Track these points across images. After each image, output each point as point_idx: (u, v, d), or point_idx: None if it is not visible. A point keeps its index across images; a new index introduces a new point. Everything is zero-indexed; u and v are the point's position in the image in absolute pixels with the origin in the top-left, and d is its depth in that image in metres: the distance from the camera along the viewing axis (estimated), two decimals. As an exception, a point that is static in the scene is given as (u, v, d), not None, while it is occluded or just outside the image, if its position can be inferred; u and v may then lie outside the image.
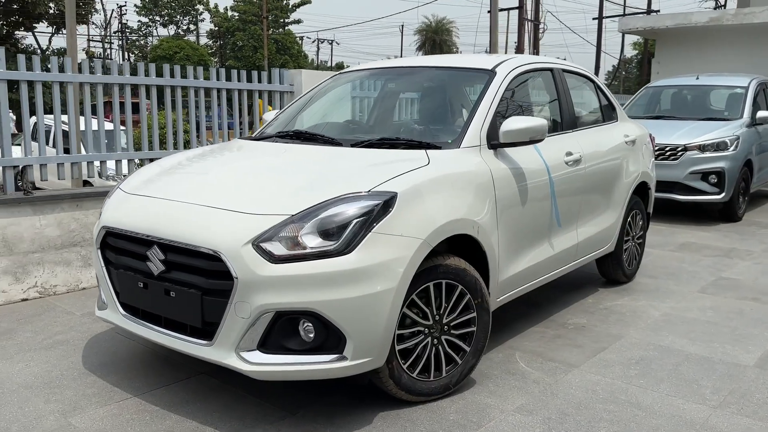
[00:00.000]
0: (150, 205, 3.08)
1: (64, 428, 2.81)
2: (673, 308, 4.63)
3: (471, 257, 3.28)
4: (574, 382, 3.37)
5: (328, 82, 4.49)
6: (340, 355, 2.70)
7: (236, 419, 2.90)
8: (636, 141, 5.09)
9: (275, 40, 42.58)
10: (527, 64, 4.12)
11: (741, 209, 8.34)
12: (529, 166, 3.69)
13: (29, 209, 4.50)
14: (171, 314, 2.90)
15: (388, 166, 3.04)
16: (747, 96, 8.76)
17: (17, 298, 4.50)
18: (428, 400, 3.08)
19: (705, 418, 3.00)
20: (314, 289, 2.63)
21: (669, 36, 13.17)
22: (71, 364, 3.50)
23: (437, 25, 60.74)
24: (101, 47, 49.43)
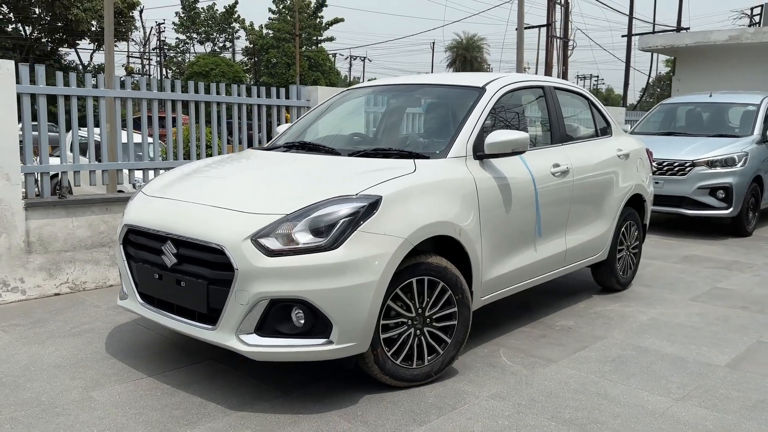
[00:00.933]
0: (166, 205, 3.47)
1: (86, 400, 3.19)
2: (661, 314, 4.86)
3: (455, 258, 3.60)
4: (549, 374, 3.64)
5: (336, 98, 4.86)
6: (327, 339, 3.03)
7: (237, 397, 3.25)
8: (630, 155, 5.35)
9: (308, 57, 43.39)
10: (518, 82, 4.44)
11: (750, 224, 8.47)
12: (514, 176, 3.99)
13: (63, 212, 4.95)
14: (181, 302, 3.27)
15: (377, 173, 3.38)
16: (759, 113, 8.91)
17: (50, 292, 4.94)
18: (410, 386, 3.39)
19: (665, 408, 3.25)
20: (304, 279, 2.97)
21: (689, 54, 13.31)
22: (95, 348, 3.89)
23: (468, 42, 61.22)
24: (140, 63, 50.92)
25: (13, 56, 35.17)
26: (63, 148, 5.21)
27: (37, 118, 4.88)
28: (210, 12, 48.51)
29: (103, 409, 3.10)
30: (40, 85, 4.85)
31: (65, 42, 38.83)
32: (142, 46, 51.09)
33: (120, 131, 5.47)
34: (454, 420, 3.07)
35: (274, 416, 3.05)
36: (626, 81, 30.70)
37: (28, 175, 4.92)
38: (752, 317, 4.83)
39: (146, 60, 51.50)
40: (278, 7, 44.13)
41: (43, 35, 38.08)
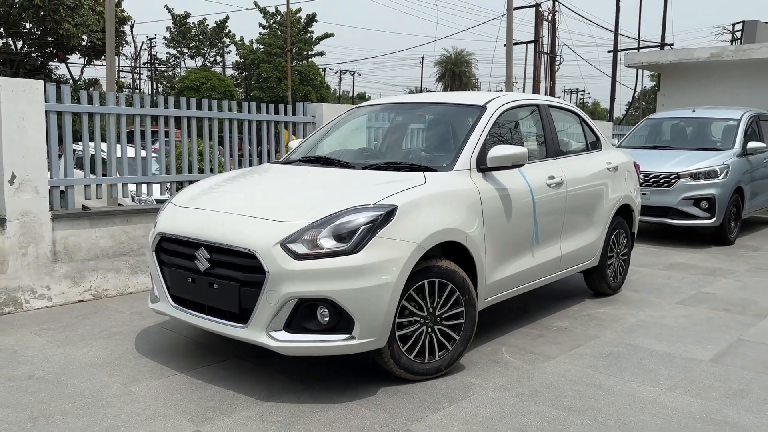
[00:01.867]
0: (198, 215, 3.78)
1: (126, 394, 3.48)
2: (649, 316, 5.21)
3: (462, 262, 3.93)
4: (548, 369, 3.97)
5: (344, 115, 5.20)
6: (350, 335, 3.34)
7: (265, 390, 3.55)
8: (618, 168, 5.72)
9: (299, 71, 43.78)
10: (515, 101, 4.80)
11: (733, 233, 8.87)
12: (514, 187, 4.34)
13: (87, 223, 5.24)
14: (214, 303, 3.57)
15: (391, 185, 3.71)
16: (739, 128, 9.35)
17: (74, 299, 5.21)
18: (423, 379, 3.70)
19: (655, 396, 3.59)
20: (329, 280, 3.28)
21: (673, 70, 13.80)
22: (126, 349, 4.18)
23: (456, 57, 61.94)
24: (131, 78, 51.11)
25: (2, 70, 35.26)
26: (85, 162, 5.50)
27: (62, 135, 5.17)
28: (201, 27, 48.87)
29: (144, 402, 3.39)
30: (66, 104, 5.16)
31: (55, 56, 38.96)
32: (133, 61, 51.32)
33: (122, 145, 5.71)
34: (464, 408, 3.38)
35: (301, 406, 3.35)
36: (612, 96, 31.35)
37: (54, 189, 5.20)
38: (733, 318, 5.19)
39: (137, 74, 51.70)
40: (269, 23, 44.57)
41: (33, 50, 38.22)
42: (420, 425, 3.17)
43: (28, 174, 4.85)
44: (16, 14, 33.49)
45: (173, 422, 3.15)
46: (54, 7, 31.63)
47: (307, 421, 3.18)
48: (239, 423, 3.15)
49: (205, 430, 3.08)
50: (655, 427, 3.21)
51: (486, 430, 3.14)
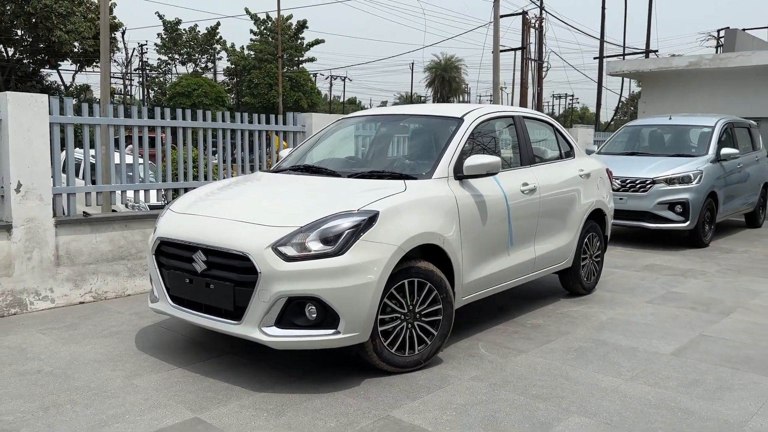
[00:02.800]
0: (195, 220, 4.08)
1: (130, 386, 3.77)
2: (620, 314, 5.54)
3: (440, 263, 4.24)
4: (520, 362, 4.29)
5: (332, 125, 5.52)
6: (336, 330, 3.65)
7: (258, 382, 3.85)
8: (591, 174, 6.06)
9: (289, 77, 44.10)
10: (491, 113, 5.13)
11: (707, 236, 9.24)
12: (489, 194, 4.66)
13: (88, 228, 5.52)
14: (210, 302, 3.87)
15: (374, 192, 4.03)
16: (713, 135, 9.73)
17: (76, 301, 5.49)
18: (404, 371, 4.01)
19: (616, 386, 3.91)
20: (316, 280, 3.59)
21: (653, 78, 14.21)
22: (127, 347, 4.47)
23: (446, 63, 62.45)
24: (122, 84, 51.24)
25: (-6, 77, 35.43)
26: (86, 170, 5.78)
27: (65, 145, 5.46)
28: (192, 33, 49.11)
29: (146, 393, 3.68)
30: (69, 116, 5.45)
31: (47, 63, 39.09)
32: (124, 67, 51.48)
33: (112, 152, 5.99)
34: (440, 396, 3.69)
35: (291, 395, 3.66)
36: (599, 101, 31.85)
37: (57, 196, 5.48)
38: (698, 316, 5.53)
39: (128, 81, 51.83)
40: (260, 29, 44.89)
41: (25, 56, 38.34)
42: (399, 411, 3.48)
43: (33, 183, 5.14)
44: (8, 21, 33.63)
45: (173, 410, 3.45)
46: (46, 14, 31.80)
47: (296, 409, 3.48)
48: (234, 411, 3.45)
49: (203, 417, 3.37)
50: (613, 412, 3.53)
51: (459, 415, 3.45)
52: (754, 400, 3.72)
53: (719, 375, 4.12)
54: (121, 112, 5.82)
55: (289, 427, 3.28)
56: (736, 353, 4.56)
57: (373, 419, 3.38)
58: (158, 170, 6.23)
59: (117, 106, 5.79)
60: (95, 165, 6.88)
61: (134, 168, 6.36)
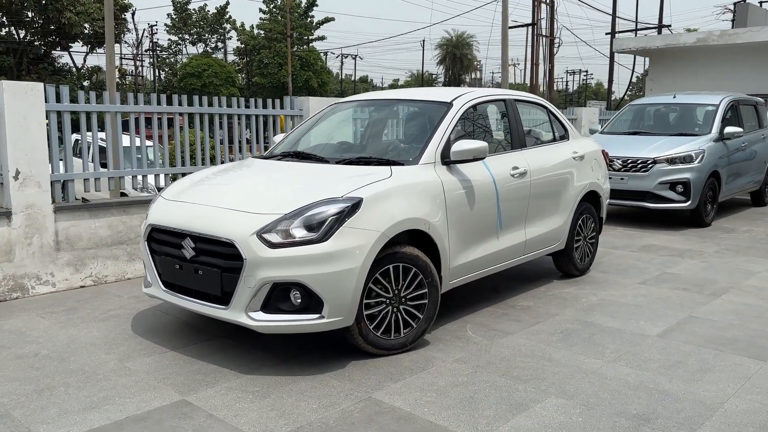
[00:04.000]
0: (184, 208, 4.17)
1: (122, 369, 3.89)
2: (611, 295, 5.59)
3: (426, 248, 4.31)
4: (505, 344, 4.37)
5: (325, 111, 5.57)
6: (320, 315, 3.74)
7: (245, 364, 3.96)
8: (585, 156, 6.07)
9: (299, 56, 43.99)
10: (481, 96, 5.15)
11: (709, 216, 9.22)
12: (477, 178, 4.70)
13: (87, 214, 5.64)
14: (199, 287, 3.97)
15: (359, 178, 4.09)
16: (717, 113, 9.65)
17: (77, 285, 5.63)
18: (389, 354, 4.10)
19: (597, 368, 3.98)
20: (300, 266, 3.67)
21: (660, 55, 14.06)
22: (123, 330, 4.59)
23: (457, 40, 61.91)
24: (133, 65, 51.37)
25: (6, 59, 35.64)
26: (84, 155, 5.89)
27: (62, 132, 5.56)
28: (201, 13, 49.04)
29: (137, 375, 3.80)
30: (65, 103, 5.54)
31: (58, 45, 39.25)
32: (135, 48, 51.58)
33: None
34: (423, 378, 3.78)
35: (277, 378, 3.76)
36: (610, 79, 31.52)
37: (56, 182, 5.59)
38: (690, 297, 5.56)
39: (139, 61, 51.94)
40: (269, 8, 44.74)
41: (36, 38, 38.51)
42: (381, 393, 3.58)
43: (31, 170, 5.25)
44: (18, 3, 33.75)
45: (162, 392, 3.57)
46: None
47: (281, 390, 3.59)
48: (221, 393, 3.57)
49: (190, 399, 3.49)
50: (591, 394, 3.60)
51: (438, 396, 3.54)
52: (733, 382, 3.78)
53: (702, 357, 4.17)
54: (117, 99, 5.90)
55: (273, 408, 3.39)
56: (722, 335, 4.60)
57: (354, 401, 3.48)
58: (155, 154, 6.31)
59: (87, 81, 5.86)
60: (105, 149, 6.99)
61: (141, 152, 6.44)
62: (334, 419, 3.27)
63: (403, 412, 3.36)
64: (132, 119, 6.02)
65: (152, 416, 3.30)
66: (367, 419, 3.28)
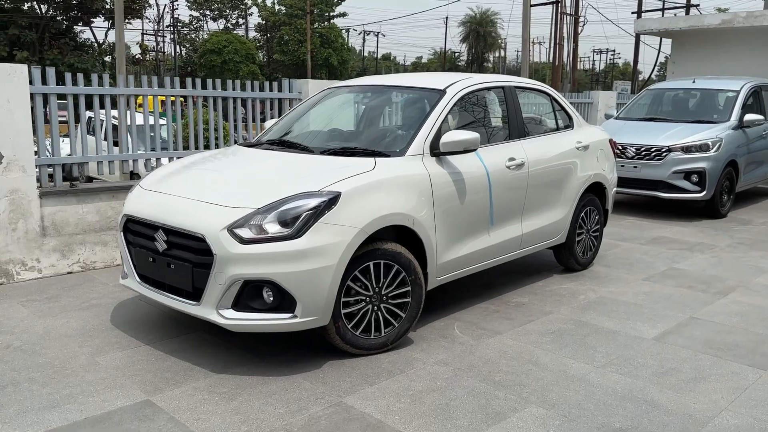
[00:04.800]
0: (158, 198, 4.03)
1: (92, 364, 3.79)
2: (611, 292, 5.37)
3: (413, 243, 4.13)
4: (492, 344, 4.19)
5: (317, 96, 5.38)
6: (293, 314, 3.59)
7: (220, 362, 3.83)
8: (590, 146, 5.81)
9: (320, 33, 43.63)
10: (478, 84, 4.92)
11: (725, 207, 8.90)
12: (468, 171, 4.49)
13: (74, 199, 5.53)
14: (171, 281, 3.84)
15: (340, 171, 3.91)
16: (737, 99, 9.28)
17: (64, 271, 5.55)
18: (369, 353, 3.94)
19: (585, 374, 3.79)
20: (273, 263, 3.52)
21: (684, 37, 13.58)
22: (101, 321, 4.49)
23: (481, 17, 60.94)
24: (154, 41, 51.38)
25: (28, 34, 35.77)
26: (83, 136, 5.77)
27: (49, 116, 5.44)
28: (222, -11, 48.77)
29: (106, 372, 3.69)
30: (51, 86, 5.41)
31: (80, 20, 39.31)
32: (156, 24, 51.52)
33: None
34: (399, 381, 3.63)
35: (248, 378, 3.63)
36: (635, 59, 30.82)
37: (43, 167, 5.49)
38: (694, 296, 5.32)
39: (160, 37, 51.93)
40: (290, -16, 44.32)
41: (58, 13, 38.60)
42: (353, 398, 3.43)
43: (16, 154, 5.14)
44: (41, -22, 33.77)
45: (127, 391, 3.45)
46: (76, -29, 31.79)
47: (249, 392, 3.46)
48: (187, 393, 3.44)
49: (155, 400, 3.37)
50: (574, 403, 3.42)
51: (412, 402, 3.38)
52: (728, 393, 3.57)
53: (698, 364, 3.96)
54: (106, 81, 5.76)
55: (237, 412, 3.26)
56: (723, 339, 4.38)
57: (323, 405, 3.34)
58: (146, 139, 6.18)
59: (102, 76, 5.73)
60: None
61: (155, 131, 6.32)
62: (299, 426, 3.13)
63: (373, 419, 3.21)
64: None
65: (112, 417, 3.19)
66: (333, 427, 3.13)
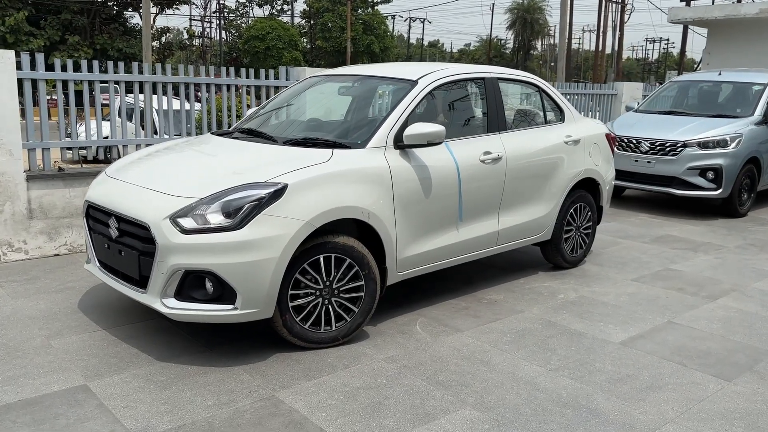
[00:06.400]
0: (115, 186, 4.07)
1: (44, 347, 3.86)
2: (592, 292, 5.20)
3: (373, 238, 4.06)
4: (448, 342, 4.10)
5: (297, 85, 5.34)
6: (233, 306, 3.57)
7: (168, 350, 3.85)
8: (581, 141, 5.62)
9: (362, 20, 43.52)
10: (455, 74, 4.79)
11: (744, 206, 8.53)
12: (435, 164, 4.39)
13: (61, 183, 5.64)
14: (122, 269, 3.87)
15: (292, 162, 3.86)
16: (764, 93, 8.86)
17: (51, 253, 5.67)
18: (318, 347, 3.91)
19: (534, 377, 3.67)
20: (213, 254, 3.50)
21: (719, 27, 13.04)
22: (69, 304, 4.57)
23: (529, 4, 59.80)
24: (201, 27, 52.09)
25: (80, 19, 36.69)
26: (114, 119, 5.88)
27: (39, 101, 5.55)
28: (269, -26, 49.04)
29: (55, 355, 3.75)
30: (40, 71, 5.51)
31: (130, 5, 40.12)
32: (203, 10, 52.23)
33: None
34: (340, 377, 3.58)
35: (190, 367, 3.64)
36: (683, 48, 29.81)
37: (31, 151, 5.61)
38: (681, 299, 5.11)
39: (207, 23, 52.63)
40: (335, -30, 44.26)
41: (108, -1, 39.43)
42: (286, 392, 3.40)
43: (2, 138, 5.26)
44: (90, -36, 34.53)
45: (68, 375, 3.50)
46: (126, -43, 32.42)
47: (184, 382, 3.46)
48: (125, 380, 3.47)
49: (91, 385, 3.40)
50: (511, 407, 3.32)
51: (345, 399, 3.34)
52: (679, 404, 3.41)
53: (658, 371, 3.80)
54: (96, 68, 5.84)
55: (167, 402, 3.27)
56: (696, 346, 4.19)
57: (254, 399, 3.32)
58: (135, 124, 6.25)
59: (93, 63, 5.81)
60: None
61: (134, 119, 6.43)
62: (222, 419, 3.12)
63: (298, 415, 3.18)
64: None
65: (44, 401, 3.23)
66: (255, 421, 3.11)
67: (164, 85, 6.29)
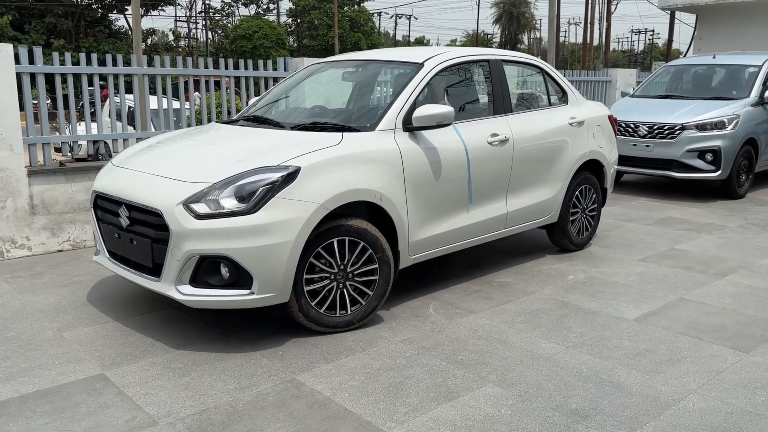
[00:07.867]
0: (124, 175, 4.02)
1: (57, 339, 3.81)
2: (601, 273, 5.20)
3: (385, 220, 4.04)
4: (464, 324, 4.08)
5: (300, 72, 5.30)
6: (250, 290, 3.54)
7: (183, 339, 3.81)
8: (585, 122, 5.62)
9: (349, 17, 43.43)
10: (460, 57, 4.78)
11: (743, 187, 8.57)
12: (444, 146, 4.37)
13: (62, 178, 5.58)
14: (134, 257, 3.82)
15: (303, 145, 3.83)
16: (759, 75, 8.90)
17: (54, 249, 5.61)
18: (334, 331, 3.88)
19: (553, 353, 3.66)
20: (228, 239, 3.47)
21: (710, 12, 13.10)
22: (78, 297, 4.52)
23: (515, -2, 59.91)
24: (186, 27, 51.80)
25: (64, 22, 36.42)
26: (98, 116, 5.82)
27: (38, 94, 5.48)
28: (254, -26, 48.81)
29: (69, 346, 3.71)
30: (38, 65, 5.44)
31: (114, 8, 39.86)
32: (188, 10, 51.94)
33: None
34: (359, 359, 3.56)
35: (207, 354, 3.60)
36: (670, 38, 29.97)
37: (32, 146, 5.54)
38: (690, 277, 5.12)
39: (193, 23, 52.34)
40: (320, -32, 44.12)
41: (93, 2, 39.17)
42: (307, 375, 3.37)
43: (2, 133, 5.19)
44: (74, -33, 34.27)
45: (84, 366, 3.46)
46: (108, -41, 32.19)
47: (203, 368, 3.43)
48: (142, 368, 3.43)
49: (108, 374, 3.36)
50: (534, 383, 3.31)
51: (367, 380, 3.31)
52: (700, 376, 3.41)
53: (675, 345, 3.80)
54: (94, 61, 5.78)
55: (187, 387, 3.23)
56: (710, 321, 4.20)
57: (275, 382, 3.29)
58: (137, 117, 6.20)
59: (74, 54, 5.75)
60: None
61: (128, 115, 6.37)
62: (245, 402, 3.09)
63: (321, 396, 3.15)
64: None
65: (62, 390, 3.19)
66: (279, 403, 3.08)
67: (163, 80, 6.23)
